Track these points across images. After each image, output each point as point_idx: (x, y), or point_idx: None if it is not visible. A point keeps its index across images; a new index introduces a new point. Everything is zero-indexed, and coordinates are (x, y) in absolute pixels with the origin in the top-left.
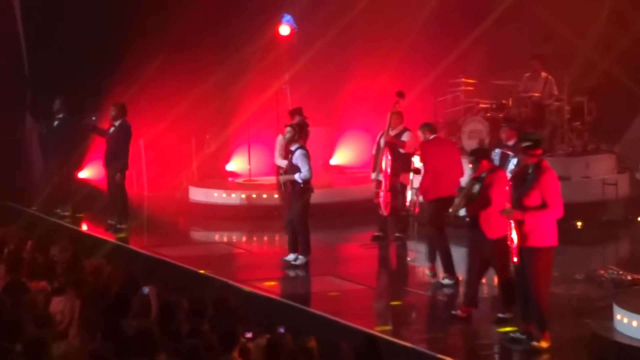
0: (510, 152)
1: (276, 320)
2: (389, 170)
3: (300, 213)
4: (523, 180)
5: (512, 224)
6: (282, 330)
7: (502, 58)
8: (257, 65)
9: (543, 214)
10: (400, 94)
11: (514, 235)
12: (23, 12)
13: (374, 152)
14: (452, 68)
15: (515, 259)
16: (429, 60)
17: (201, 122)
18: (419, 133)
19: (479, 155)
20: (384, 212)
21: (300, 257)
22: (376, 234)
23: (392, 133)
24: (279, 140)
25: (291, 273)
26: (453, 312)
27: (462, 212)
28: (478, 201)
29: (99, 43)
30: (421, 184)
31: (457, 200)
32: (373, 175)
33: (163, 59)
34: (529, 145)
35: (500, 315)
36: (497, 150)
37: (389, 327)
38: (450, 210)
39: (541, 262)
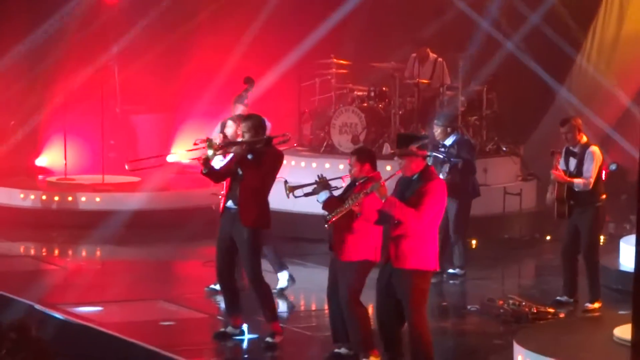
0: (445, 156)
1: (93, 354)
2: None
3: None
4: (406, 187)
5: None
6: None
7: (383, 35)
8: (77, 35)
9: (408, 213)
10: (249, 81)
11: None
12: None
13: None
14: (321, 46)
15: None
16: (292, 36)
17: (5, 104)
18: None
19: (363, 156)
20: None
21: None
22: None
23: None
24: None
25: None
26: (337, 350)
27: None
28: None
29: None
30: None
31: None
32: None
33: None
34: (417, 146)
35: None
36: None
37: None
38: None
39: (422, 288)
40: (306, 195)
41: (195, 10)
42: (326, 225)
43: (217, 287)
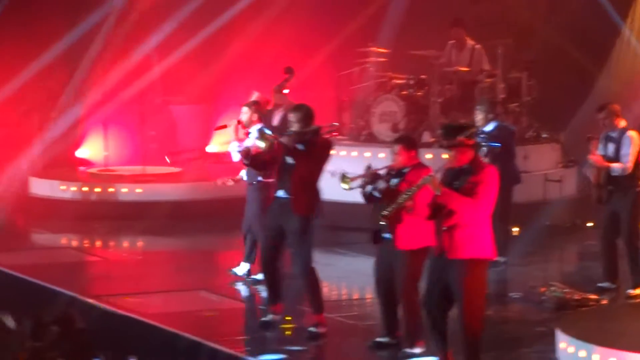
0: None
1: (136, 345)
2: None
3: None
4: (454, 178)
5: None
6: None
7: (422, 23)
8: (117, 26)
9: (465, 203)
10: (289, 71)
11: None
12: None
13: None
14: (360, 34)
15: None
16: (331, 25)
17: (45, 96)
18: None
19: (411, 144)
20: None
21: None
22: None
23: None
24: None
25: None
26: (379, 339)
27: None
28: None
29: None
30: None
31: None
32: None
33: None
34: (465, 136)
35: (407, 350)
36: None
37: (279, 356)
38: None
39: (479, 278)
40: (360, 187)
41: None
42: (382, 222)
43: (258, 277)
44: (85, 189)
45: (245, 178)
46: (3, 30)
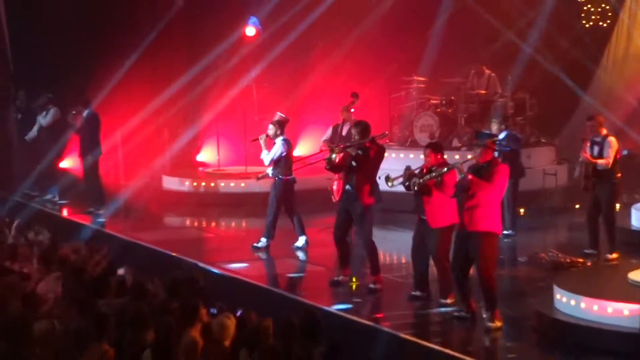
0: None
1: (241, 299)
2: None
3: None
4: (476, 171)
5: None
6: (240, 312)
7: (452, 58)
8: (225, 64)
9: (484, 185)
10: (355, 95)
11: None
12: (7, 11)
13: (324, 138)
14: (405, 67)
15: None
16: (385, 60)
17: (174, 116)
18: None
19: (438, 148)
20: (335, 197)
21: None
22: None
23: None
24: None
25: (261, 255)
26: (413, 293)
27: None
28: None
29: (79, 43)
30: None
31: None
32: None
33: (138, 58)
34: (490, 141)
35: (442, 301)
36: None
37: (347, 305)
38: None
39: (492, 246)
40: (401, 183)
41: (312, 44)
42: (412, 190)
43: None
44: (203, 184)
45: (270, 175)
46: (139, 71)
